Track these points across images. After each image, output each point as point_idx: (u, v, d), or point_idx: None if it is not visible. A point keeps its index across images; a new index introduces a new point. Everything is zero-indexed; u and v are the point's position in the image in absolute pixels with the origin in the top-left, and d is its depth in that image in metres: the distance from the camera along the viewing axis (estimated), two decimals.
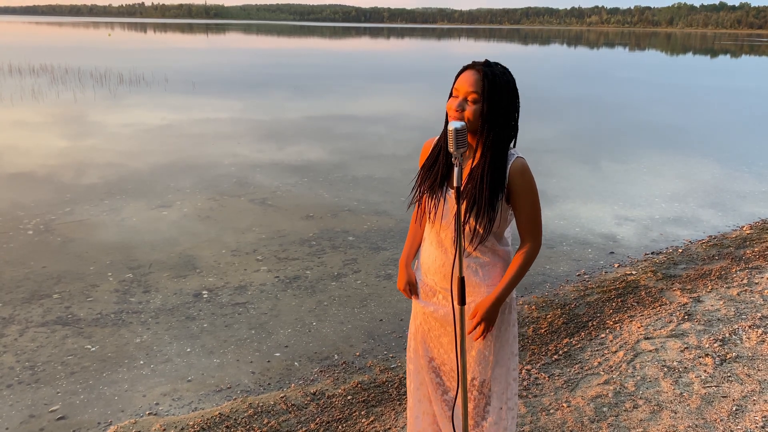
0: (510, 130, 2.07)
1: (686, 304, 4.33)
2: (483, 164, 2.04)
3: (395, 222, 6.33)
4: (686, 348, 3.65)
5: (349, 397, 3.28)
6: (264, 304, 4.48)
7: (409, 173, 7.46)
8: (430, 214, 2.20)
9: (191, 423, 3.06)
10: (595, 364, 3.52)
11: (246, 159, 9.06)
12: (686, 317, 4.09)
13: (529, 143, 10.73)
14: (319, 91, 18.61)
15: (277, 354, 3.80)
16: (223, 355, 3.78)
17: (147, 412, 3.21)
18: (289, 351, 3.84)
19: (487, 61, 2.06)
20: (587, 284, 4.87)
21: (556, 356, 3.63)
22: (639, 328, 3.96)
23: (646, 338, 3.80)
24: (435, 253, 2.24)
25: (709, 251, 5.62)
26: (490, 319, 2.17)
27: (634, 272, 5.10)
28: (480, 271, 2.19)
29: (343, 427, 3.03)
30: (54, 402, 3.30)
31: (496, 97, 2.00)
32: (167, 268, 5.11)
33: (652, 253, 5.67)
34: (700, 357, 3.54)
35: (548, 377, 3.38)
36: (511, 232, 2.28)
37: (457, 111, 2.01)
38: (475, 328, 2.18)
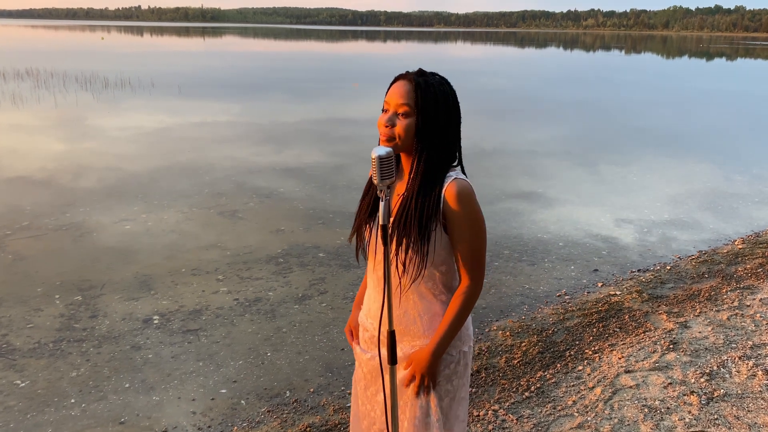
0: (448, 151, 1.78)
1: (672, 330, 4.01)
2: (412, 189, 1.74)
3: None
4: (670, 384, 3.33)
5: None
6: (218, 331, 4.15)
7: None
8: (366, 250, 1.89)
9: None
10: (570, 402, 3.20)
11: (219, 168, 8.72)
12: (671, 346, 3.77)
13: (519, 146, 10.43)
14: (312, 95, 18.29)
15: (224, 390, 3.47)
16: (164, 391, 3.45)
17: None
18: (237, 387, 3.51)
19: (420, 71, 1.77)
20: (567, 306, 4.55)
21: (527, 393, 3.31)
22: (620, 359, 3.64)
23: (627, 371, 3.48)
24: (374, 295, 1.93)
25: (699, 268, 5.31)
26: (430, 373, 1.85)
27: (618, 292, 4.78)
28: (418, 320, 1.86)
29: None
30: None
31: (431, 110, 1.72)
32: (120, 290, 4.78)
33: (639, 270, 5.36)
34: (684, 395, 3.22)
35: (516, 419, 3.06)
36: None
37: (386, 126, 1.72)
38: (410, 382, 1.86)
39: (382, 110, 1.77)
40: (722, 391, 3.26)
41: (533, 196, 7.60)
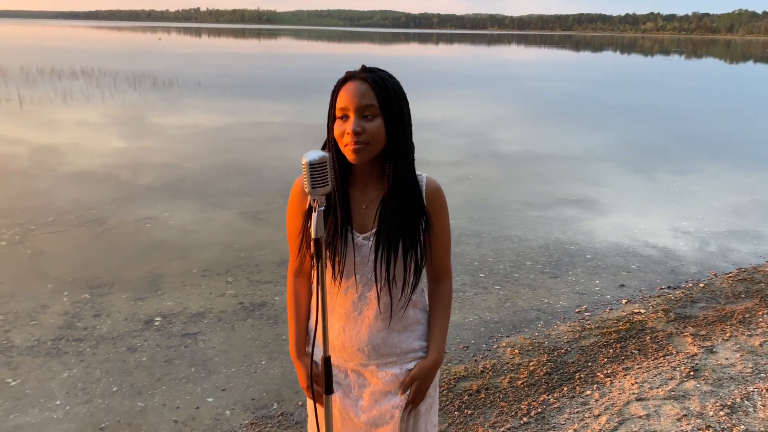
0: (413, 147, 1.66)
1: (695, 355, 3.71)
2: (397, 195, 1.60)
3: None
4: (684, 415, 3.05)
5: None
6: (217, 335, 4.06)
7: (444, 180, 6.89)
8: (335, 271, 1.70)
9: None
10: None
11: (248, 168, 8.70)
12: (692, 373, 3.47)
13: (565, 152, 10.08)
14: None
15: (210, 399, 3.36)
16: (150, 397, 3.36)
17: None
18: (225, 396, 3.39)
19: (365, 68, 1.61)
20: (586, 324, 4.28)
21: (525, 418, 3.08)
22: (633, 384, 3.37)
23: (639, 399, 3.21)
24: (343, 324, 1.73)
25: (736, 287, 4.94)
26: (426, 389, 1.75)
27: (643, 310, 4.48)
28: (404, 331, 1.73)
29: None
30: None
31: (395, 106, 1.58)
32: (128, 289, 4.74)
33: (669, 287, 5.02)
34: (699, 429, 2.94)
35: None
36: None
37: (357, 133, 1.54)
38: (411, 401, 1.74)
39: (337, 118, 1.61)
40: (743, 427, 2.95)
41: (565, 204, 7.28)
